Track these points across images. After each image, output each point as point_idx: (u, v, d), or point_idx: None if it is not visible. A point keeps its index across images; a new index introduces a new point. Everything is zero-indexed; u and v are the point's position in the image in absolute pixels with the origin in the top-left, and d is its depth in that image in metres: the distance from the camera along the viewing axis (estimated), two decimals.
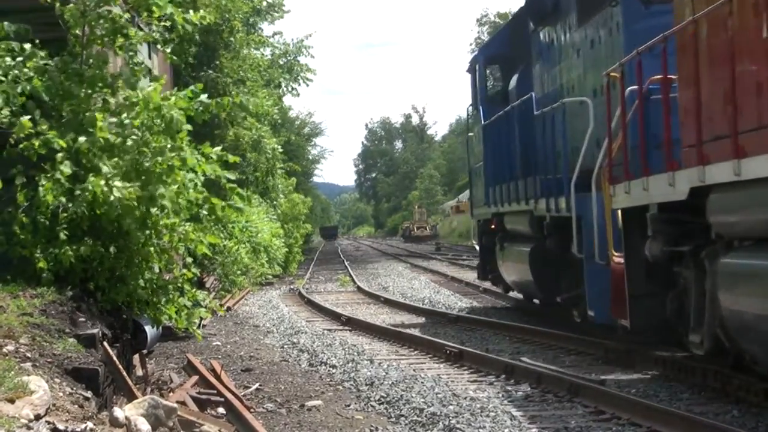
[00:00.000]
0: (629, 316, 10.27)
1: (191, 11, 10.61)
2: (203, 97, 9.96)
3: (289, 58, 35.56)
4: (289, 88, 35.73)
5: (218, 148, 10.12)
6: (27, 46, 9.40)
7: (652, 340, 11.03)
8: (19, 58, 9.25)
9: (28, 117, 9.04)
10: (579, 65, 14.04)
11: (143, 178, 9.24)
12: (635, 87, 10.16)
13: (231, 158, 10.09)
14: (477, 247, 21.36)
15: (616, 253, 10.79)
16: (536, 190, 14.66)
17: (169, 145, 9.42)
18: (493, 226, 18.77)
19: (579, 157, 12.73)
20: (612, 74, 10.83)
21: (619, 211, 10.64)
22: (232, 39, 25.46)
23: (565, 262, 13.61)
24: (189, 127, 9.71)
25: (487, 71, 20.25)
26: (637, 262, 10.12)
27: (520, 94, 16.45)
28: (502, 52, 19.16)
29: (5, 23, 9.38)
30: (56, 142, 8.96)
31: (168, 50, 10.65)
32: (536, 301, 17.80)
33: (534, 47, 16.59)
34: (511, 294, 19.84)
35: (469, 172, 22.05)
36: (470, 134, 21.79)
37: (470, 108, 21.21)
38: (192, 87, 10.06)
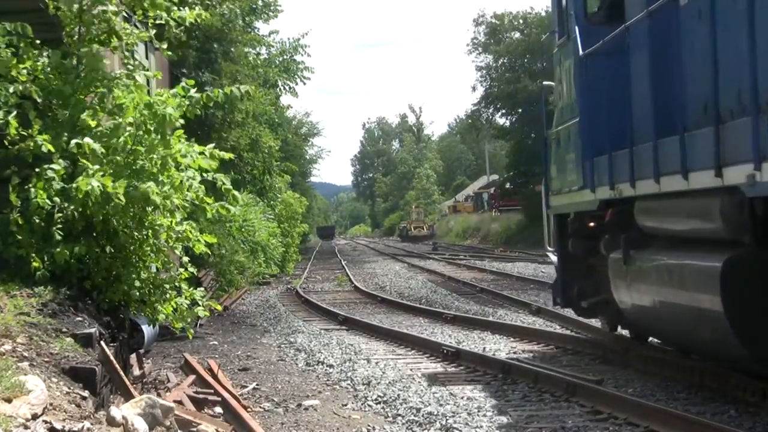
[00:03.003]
0: None
1: (187, 9, 10.56)
2: (192, 92, 9.94)
3: (285, 56, 35.56)
4: (287, 88, 35.73)
5: (211, 146, 10.10)
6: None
7: None
8: (9, 57, 9.22)
9: (14, 114, 9.00)
10: None
11: (138, 177, 9.22)
12: None
13: (225, 155, 10.07)
14: (553, 257, 13.82)
15: None
16: (758, 144, 7.08)
17: (161, 143, 9.40)
18: (592, 223, 11.81)
19: None
20: None
21: None
22: (232, 49, 25.56)
23: None
24: (181, 121, 9.68)
25: None
26: None
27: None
28: None
29: (4, 24, 9.36)
30: (45, 147, 8.92)
31: (164, 46, 10.62)
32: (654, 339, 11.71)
33: None
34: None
35: (543, 141, 14.12)
36: (545, 83, 14.31)
37: (552, 40, 14.04)
38: (183, 84, 10.03)
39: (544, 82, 14.22)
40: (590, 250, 11.86)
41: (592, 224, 11.77)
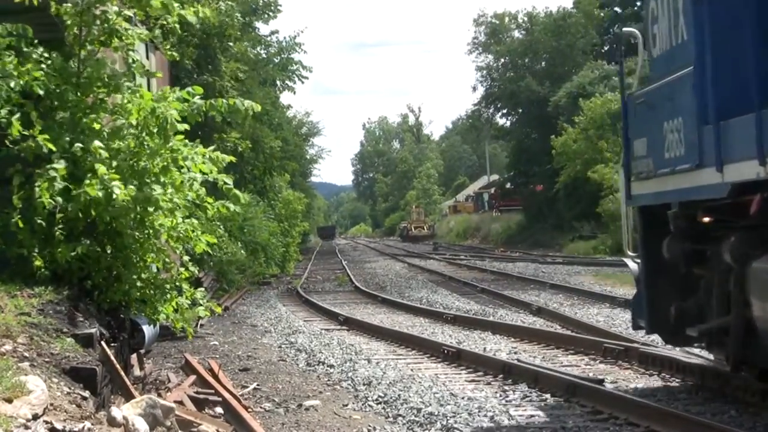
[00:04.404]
0: None
1: (186, 6, 10.54)
2: (196, 98, 9.94)
3: (283, 55, 35.61)
4: (286, 86, 35.77)
5: (212, 148, 10.10)
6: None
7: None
8: (11, 58, 9.21)
9: (18, 116, 8.99)
10: None
11: (141, 178, 9.22)
12: None
13: (227, 158, 10.08)
14: (632, 266, 10.22)
15: None
16: None
17: (164, 145, 9.41)
18: (707, 218, 8.34)
19: None
20: None
21: None
22: (230, 44, 25.59)
23: None
24: (186, 126, 9.69)
25: None
26: None
27: None
28: None
29: (5, 24, 9.35)
30: (46, 146, 8.91)
31: (167, 47, 10.62)
32: None
33: None
34: None
35: (623, 107, 10.15)
36: (625, 29, 10.91)
37: None
38: (189, 89, 10.03)
39: (624, 29, 10.67)
40: (699, 257, 8.77)
41: (707, 219, 8.37)
